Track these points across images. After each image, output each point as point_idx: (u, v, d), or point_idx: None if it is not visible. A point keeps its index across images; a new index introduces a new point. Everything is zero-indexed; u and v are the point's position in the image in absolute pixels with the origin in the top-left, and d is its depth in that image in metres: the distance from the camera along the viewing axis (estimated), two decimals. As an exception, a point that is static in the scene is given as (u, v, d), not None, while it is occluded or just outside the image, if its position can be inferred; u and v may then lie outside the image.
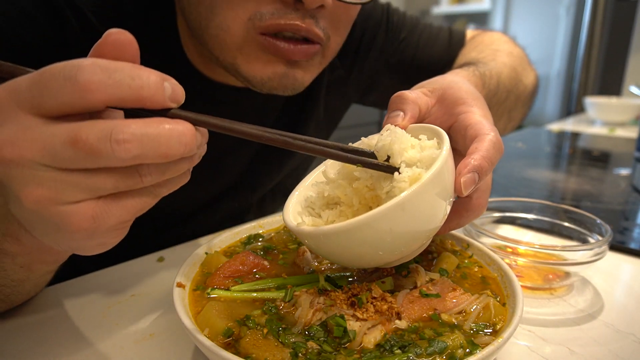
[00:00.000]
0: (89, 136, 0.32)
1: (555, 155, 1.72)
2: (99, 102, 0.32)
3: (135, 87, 0.33)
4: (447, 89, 0.58)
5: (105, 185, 0.35)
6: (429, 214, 0.46)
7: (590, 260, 0.61)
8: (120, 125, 0.32)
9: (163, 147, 0.34)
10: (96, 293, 0.63)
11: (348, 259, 0.50)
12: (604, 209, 1.00)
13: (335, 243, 0.46)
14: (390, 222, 0.43)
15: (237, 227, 0.67)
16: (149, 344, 0.52)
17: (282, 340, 0.43)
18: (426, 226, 0.47)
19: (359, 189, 0.49)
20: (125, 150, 0.32)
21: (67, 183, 0.34)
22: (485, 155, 0.49)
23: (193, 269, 0.56)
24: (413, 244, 0.49)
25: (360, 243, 0.45)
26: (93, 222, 0.36)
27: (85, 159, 0.33)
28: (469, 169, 0.48)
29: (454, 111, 0.56)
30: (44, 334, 0.54)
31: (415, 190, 0.43)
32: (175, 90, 0.35)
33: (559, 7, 4.40)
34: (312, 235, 0.47)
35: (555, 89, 4.62)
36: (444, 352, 0.42)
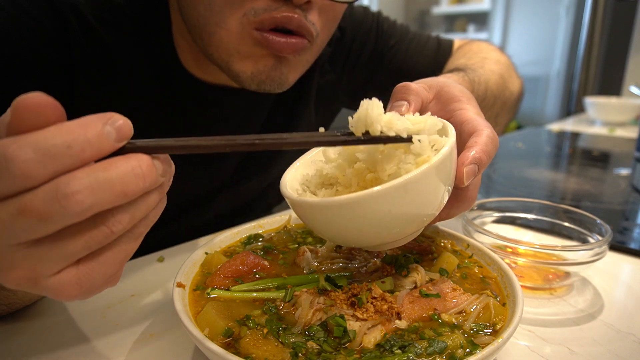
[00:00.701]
0: (33, 202, 0.30)
1: (555, 155, 1.72)
2: (43, 180, 0.30)
3: (75, 153, 0.31)
4: (443, 86, 0.61)
5: (76, 248, 0.33)
6: (430, 198, 0.46)
7: (590, 260, 0.61)
8: (64, 179, 0.30)
9: (118, 186, 0.32)
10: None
11: (343, 235, 0.49)
12: (604, 209, 1.00)
13: (335, 216, 0.45)
14: (392, 201, 0.43)
15: (237, 227, 0.67)
16: (149, 344, 0.52)
17: (282, 340, 0.43)
18: (425, 210, 0.47)
19: (360, 170, 0.49)
20: (77, 202, 0.30)
21: (38, 257, 0.33)
22: (484, 149, 0.51)
23: (193, 269, 0.56)
24: (409, 227, 0.49)
25: (359, 219, 0.44)
26: (80, 287, 0.35)
27: (40, 224, 0.31)
28: (470, 160, 0.50)
29: (449, 107, 0.59)
30: (43, 333, 0.54)
31: (422, 172, 0.43)
32: (120, 129, 0.33)
33: (559, 7, 4.40)
34: (315, 206, 0.45)
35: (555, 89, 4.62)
36: (444, 352, 0.42)
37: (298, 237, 0.68)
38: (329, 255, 0.60)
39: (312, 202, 0.46)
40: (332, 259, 0.59)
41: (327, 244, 0.62)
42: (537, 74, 4.73)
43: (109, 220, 0.33)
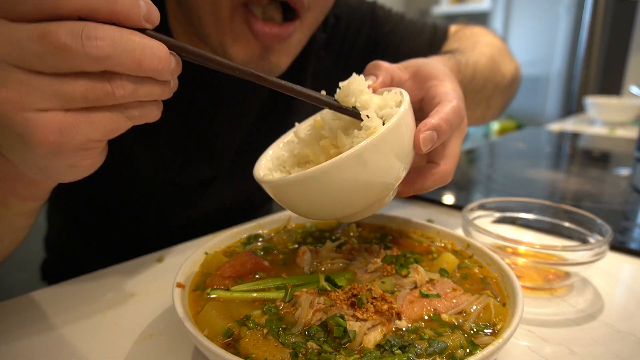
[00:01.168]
0: (58, 31, 0.31)
1: (556, 155, 1.72)
2: (71, 11, 0.31)
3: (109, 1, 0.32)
4: (421, 66, 0.62)
5: (74, 92, 0.33)
6: (383, 167, 0.48)
7: (590, 261, 0.61)
8: (92, 24, 0.31)
9: (137, 53, 0.33)
10: (96, 293, 0.63)
11: (307, 209, 0.52)
12: (604, 209, 1.00)
13: (296, 192, 0.48)
14: (346, 171, 0.45)
15: (237, 227, 0.67)
16: (149, 344, 0.52)
17: (282, 341, 0.43)
18: (381, 179, 0.49)
19: (325, 146, 0.51)
20: (97, 47, 0.31)
21: (34, 86, 0.32)
22: (444, 117, 0.52)
23: (193, 269, 0.56)
24: (369, 195, 0.51)
25: (318, 192, 0.47)
26: (60, 135, 0.34)
27: (54, 55, 0.31)
28: (427, 127, 0.51)
29: (425, 85, 0.60)
30: (43, 333, 0.54)
31: (370, 142, 0.45)
32: (150, 10, 0.34)
33: (559, 7, 4.40)
34: (274, 184, 0.49)
35: (555, 89, 4.62)
36: (444, 352, 0.42)
37: (298, 237, 0.68)
38: (329, 255, 0.60)
39: (270, 181, 0.50)
40: (332, 259, 0.59)
41: (327, 244, 0.62)
42: (537, 74, 4.73)
43: (115, 81, 0.34)
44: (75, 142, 0.35)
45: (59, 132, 0.34)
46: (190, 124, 0.86)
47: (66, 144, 0.35)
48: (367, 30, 1.03)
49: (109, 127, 0.36)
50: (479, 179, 1.29)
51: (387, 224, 0.72)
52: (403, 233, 0.68)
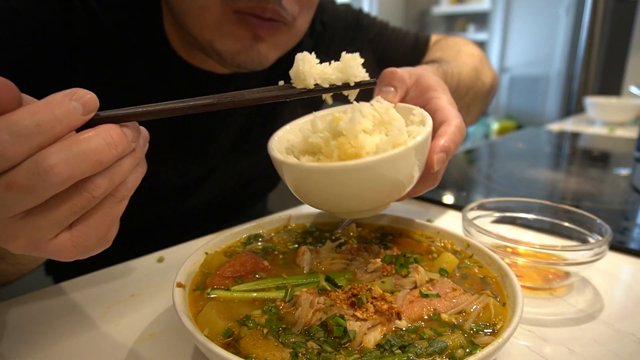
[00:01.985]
0: (17, 178, 0.33)
1: (555, 155, 1.72)
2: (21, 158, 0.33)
3: (45, 131, 0.33)
4: (421, 75, 0.66)
5: (63, 214, 0.36)
6: (402, 175, 0.52)
7: (590, 260, 0.61)
8: (42, 155, 0.33)
9: (92, 156, 0.34)
10: (96, 293, 0.63)
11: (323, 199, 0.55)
12: (604, 209, 1.00)
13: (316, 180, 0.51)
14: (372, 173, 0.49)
15: (237, 227, 0.67)
16: (149, 344, 0.52)
17: (282, 340, 0.43)
18: (397, 185, 0.54)
19: (342, 143, 0.53)
20: (56, 174, 0.33)
21: (33, 226, 0.36)
22: (452, 138, 0.57)
23: (193, 269, 0.56)
24: (383, 197, 0.55)
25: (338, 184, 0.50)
26: (76, 248, 0.38)
27: (27, 198, 0.34)
28: (439, 148, 0.56)
29: (426, 96, 0.64)
30: (44, 333, 0.54)
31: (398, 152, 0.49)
32: (86, 103, 0.35)
33: (559, 7, 4.40)
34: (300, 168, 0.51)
35: (555, 89, 4.62)
36: (444, 352, 0.42)
37: (298, 237, 0.68)
38: (329, 255, 0.60)
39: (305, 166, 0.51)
40: (332, 259, 0.59)
41: (327, 244, 0.62)
42: (537, 74, 4.73)
43: (89, 187, 0.36)
44: (91, 245, 0.39)
45: (74, 247, 0.38)
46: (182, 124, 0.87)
47: (86, 249, 0.39)
48: (352, 36, 1.06)
49: (108, 220, 0.39)
50: (479, 179, 1.29)
51: (387, 224, 0.72)
52: (403, 233, 0.68)
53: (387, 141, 0.51)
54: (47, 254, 0.38)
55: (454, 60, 0.94)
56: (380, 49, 1.07)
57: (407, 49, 1.10)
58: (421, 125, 0.56)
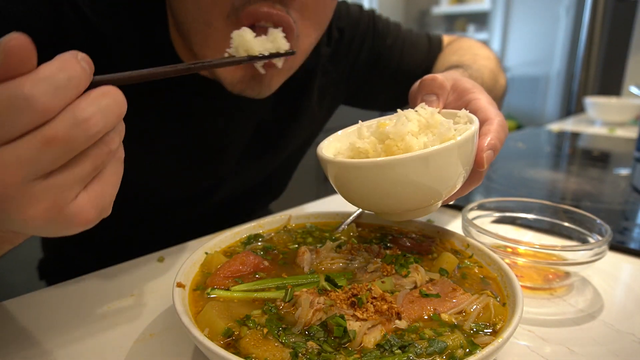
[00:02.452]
0: (57, 131, 0.33)
1: (555, 155, 1.72)
2: (58, 110, 0.33)
3: (74, 85, 0.34)
4: (457, 80, 0.67)
5: (87, 169, 0.36)
6: (450, 172, 0.53)
7: (590, 260, 0.61)
8: (78, 107, 0.34)
9: (116, 108, 0.36)
10: (96, 293, 0.63)
11: (372, 198, 0.55)
12: (604, 209, 1.00)
13: (364, 176, 0.52)
14: (421, 168, 0.50)
15: (237, 227, 0.67)
16: (149, 344, 0.52)
17: (282, 340, 0.43)
18: (445, 182, 0.54)
19: (389, 146, 0.54)
20: (94, 125, 0.34)
21: (58, 186, 0.35)
22: (497, 136, 0.58)
23: (193, 269, 0.56)
24: (431, 196, 0.55)
25: (390, 181, 0.51)
26: (96, 208, 0.38)
27: (66, 151, 0.34)
28: (487, 146, 0.57)
29: (465, 98, 0.65)
30: (43, 333, 0.54)
31: (447, 146, 0.50)
32: (89, 63, 0.36)
33: (559, 7, 4.40)
34: (351, 166, 0.53)
35: (555, 89, 4.62)
36: (444, 352, 0.42)
37: (298, 237, 0.68)
38: (329, 255, 0.60)
39: (350, 162, 0.53)
40: (332, 259, 0.59)
41: (327, 244, 0.62)
42: (537, 74, 4.73)
43: (107, 140, 0.37)
44: (106, 204, 0.39)
45: (94, 207, 0.38)
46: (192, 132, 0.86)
47: (103, 209, 0.39)
48: (370, 44, 1.05)
49: (115, 179, 0.40)
50: (479, 179, 1.28)
51: (387, 224, 0.72)
52: (403, 233, 0.68)
53: (435, 139, 0.53)
54: (68, 219, 0.37)
55: (473, 64, 0.93)
56: (398, 55, 1.07)
57: (422, 53, 1.09)
58: (468, 124, 0.57)
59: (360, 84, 1.08)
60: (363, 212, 0.73)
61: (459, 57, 0.99)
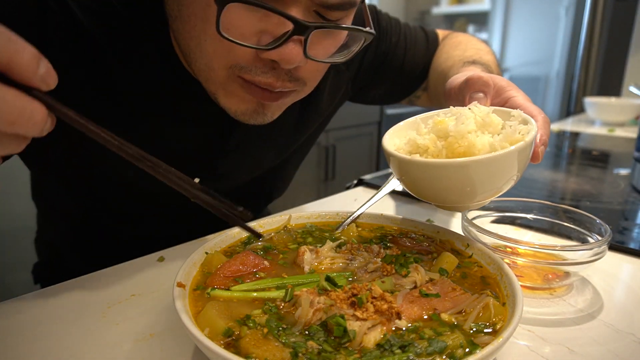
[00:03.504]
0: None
1: (555, 155, 1.72)
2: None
3: (9, 50, 0.33)
4: (493, 77, 0.68)
5: None
6: (514, 170, 0.57)
7: (589, 260, 0.61)
8: None
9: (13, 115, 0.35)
10: (96, 293, 0.63)
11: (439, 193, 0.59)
12: (603, 209, 1.00)
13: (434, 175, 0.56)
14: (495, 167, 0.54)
15: (237, 227, 0.67)
16: (149, 343, 0.52)
17: (282, 340, 0.43)
18: (512, 177, 0.58)
19: (451, 144, 0.57)
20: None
21: None
22: (546, 132, 0.62)
23: (193, 269, 0.56)
24: (493, 190, 0.59)
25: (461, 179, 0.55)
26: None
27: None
28: (541, 142, 0.60)
29: (502, 96, 0.67)
30: (43, 334, 0.54)
31: (517, 147, 0.53)
32: (50, 73, 0.35)
33: (559, 7, 4.40)
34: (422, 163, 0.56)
35: (555, 89, 4.62)
36: (444, 352, 0.42)
37: (298, 237, 0.68)
38: (329, 255, 0.60)
39: (431, 162, 0.55)
40: (332, 259, 0.59)
41: (327, 244, 0.62)
42: (537, 74, 4.73)
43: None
44: None
45: None
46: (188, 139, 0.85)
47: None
48: (375, 43, 1.04)
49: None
50: (479, 179, 1.29)
51: (387, 224, 0.72)
52: (403, 233, 0.69)
53: (503, 138, 0.56)
54: None
55: (480, 59, 0.94)
56: (402, 52, 1.07)
57: (422, 48, 1.09)
58: (524, 124, 0.59)
59: (366, 82, 1.08)
60: (363, 212, 0.73)
61: (463, 52, 0.99)
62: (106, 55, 0.71)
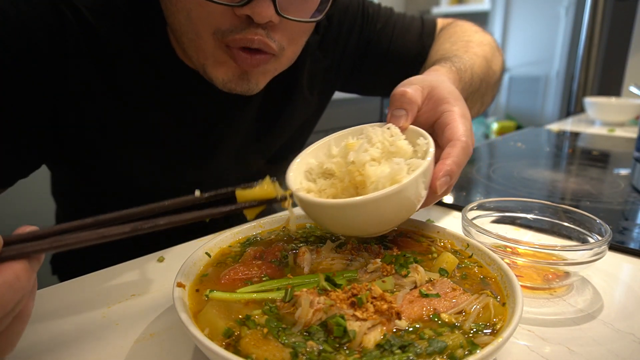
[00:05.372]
0: None
1: (555, 155, 1.72)
2: None
3: None
4: (434, 87, 0.67)
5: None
6: (404, 205, 0.56)
7: (589, 260, 0.61)
8: None
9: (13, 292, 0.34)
10: (96, 293, 0.63)
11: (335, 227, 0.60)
12: (603, 209, 1.00)
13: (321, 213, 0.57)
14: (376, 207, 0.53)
15: (237, 227, 0.67)
16: (149, 344, 0.52)
17: (282, 340, 0.43)
18: (402, 213, 0.58)
19: (352, 171, 0.57)
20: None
21: None
22: (456, 161, 0.59)
23: (193, 269, 0.56)
24: (388, 224, 0.59)
25: (343, 217, 0.55)
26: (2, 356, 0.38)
27: None
28: (442, 173, 0.57)
29: (439, 109, 0.65)
30: (43, 333, 0.54)
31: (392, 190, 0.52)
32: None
33: (559, 7, 4.40)
34: (306, 202, 0.56)
35: (555, 89, 4.62)
36: (444, 352, 0.42)
37: (298, 237, 0.68)
38: (329, 255, 0.60)
39: (308, 200, 0.56)
40: (332, 259, 0.59)
41: (327, 244, 0.62)
42: (537, 74, 4.73)
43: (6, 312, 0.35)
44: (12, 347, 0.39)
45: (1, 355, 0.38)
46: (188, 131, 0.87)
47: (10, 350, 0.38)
48: (359, 29, 1.04)
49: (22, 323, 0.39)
50: (479, 179, 1.29)
51: (387, 224, 0.72)
52: (403, 233, 0.68)
53: (387, 176, 0.55)
54: None
55: (465, 53, 0.93)
56: (387, 39, 1.06)
57: (414, 37, 1.08)
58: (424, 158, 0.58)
59: (352, 70, 1.08)
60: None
61: (451, 45, 0.99)
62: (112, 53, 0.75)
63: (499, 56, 1.07)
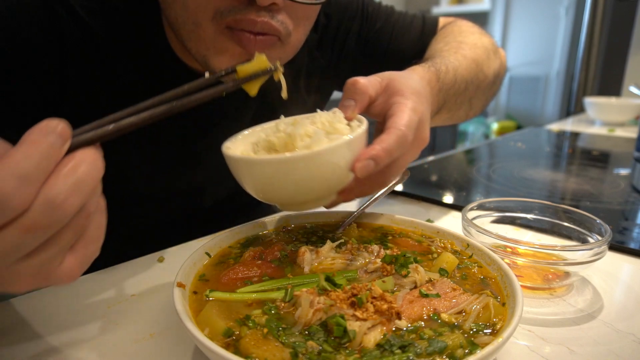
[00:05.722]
0: (35, 220, 0.33)
1: (555, 155, 1.72)
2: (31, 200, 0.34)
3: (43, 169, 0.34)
4: (393, 80, 0.65)
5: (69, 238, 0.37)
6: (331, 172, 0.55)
7: (589, 260, 0.61)
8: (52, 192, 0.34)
9: (90, 181, 0.36)
10: (96, 293, 0.63)
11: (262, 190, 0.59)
12: (603, 209, 1.00)
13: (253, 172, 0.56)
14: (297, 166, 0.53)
15: (237, 227, 0.67)
16: (149, 344, 0.52)
17: (282, 340, 0.43)
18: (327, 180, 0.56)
19: (288, 144, 0.57)
20: (71, 205, 0.35)
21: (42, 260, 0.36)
22: (385, 147, 0.56)
23: (193, 269, 0.56)
24: (316, 191, 0.58)
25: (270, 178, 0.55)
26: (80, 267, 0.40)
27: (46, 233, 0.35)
28: (366, 156, 0.55)
29: (391, 101, 0.63)
30: (44, 333, 0.54)
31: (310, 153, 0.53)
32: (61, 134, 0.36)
33: (559, 7, 4.40)
34: (233, 159, 0.56)
35: (555, 89, 4.62)
36: (444, 352, 0.42)
37: (298, 237, 0.68)
38: (329, 255, 0.60)
39: (235, 157, 0.56)
40: (332, 259, 0.59)
41: (327, 244, 0.62)
42: (537, 74, 4.73)
43: (85, 207, 0.37)
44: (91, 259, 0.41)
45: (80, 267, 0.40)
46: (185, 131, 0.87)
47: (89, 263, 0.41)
48: (358, 28, 1.04)
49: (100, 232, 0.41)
50: (479, 179, 1.29)
51: (387, 224, 0.72)
52: (403, 233, 0.69)
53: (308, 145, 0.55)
54: (55, 281, 0.38)
55: (453, 54, 0.91)
56: (387, 39, 1.05)
57: (414, 36, 1.07)
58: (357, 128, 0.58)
59: (351, 70, 1.07)
60: (363, 212, 0.73)
61: (444, 45, 0.97)
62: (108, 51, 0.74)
63: (495, 59, 1.05)
